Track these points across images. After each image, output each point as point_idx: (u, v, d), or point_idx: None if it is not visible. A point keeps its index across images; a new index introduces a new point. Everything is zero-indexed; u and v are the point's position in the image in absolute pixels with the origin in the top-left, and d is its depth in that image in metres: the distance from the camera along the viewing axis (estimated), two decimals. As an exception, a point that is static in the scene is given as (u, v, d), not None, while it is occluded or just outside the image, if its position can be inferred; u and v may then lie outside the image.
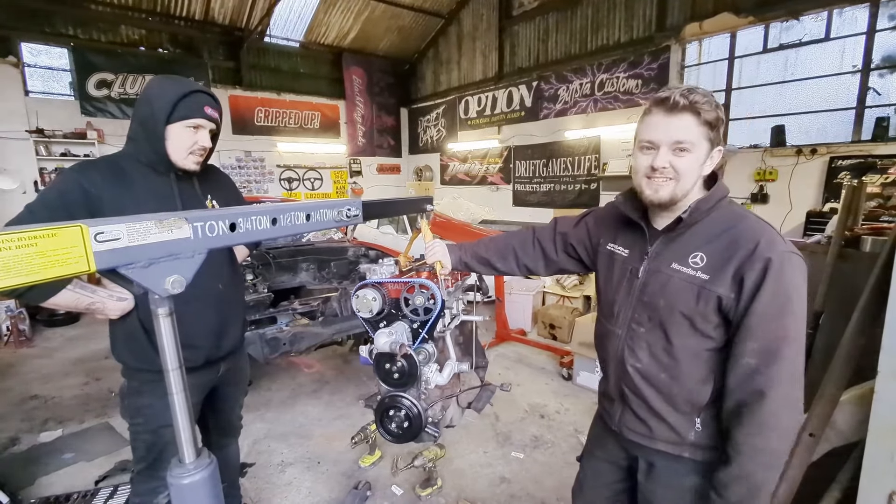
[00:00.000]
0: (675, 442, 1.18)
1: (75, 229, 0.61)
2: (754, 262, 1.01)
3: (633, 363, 1.21)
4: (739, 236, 1.05)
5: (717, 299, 1.06)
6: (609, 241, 1.31)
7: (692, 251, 1.10)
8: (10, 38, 6.45)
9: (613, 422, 1.31)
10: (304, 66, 9.41)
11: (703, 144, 1.07)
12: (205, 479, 0.83)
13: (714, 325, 1.09)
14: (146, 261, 0.71)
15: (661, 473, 1.23)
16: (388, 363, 1.32)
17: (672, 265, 1.12)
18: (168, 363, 0.79)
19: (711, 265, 1.07)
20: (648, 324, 1.17)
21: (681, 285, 1.10)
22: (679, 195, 1.10)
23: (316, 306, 3.47)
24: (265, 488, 2.63)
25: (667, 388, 1.16)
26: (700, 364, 1.13)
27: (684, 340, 1.12)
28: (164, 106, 1.40)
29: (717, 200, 1.11)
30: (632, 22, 6.55)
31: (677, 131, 1.06)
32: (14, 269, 0.56)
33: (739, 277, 1.03)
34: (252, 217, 0.87)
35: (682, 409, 1.16)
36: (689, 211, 1.10)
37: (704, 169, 1.10)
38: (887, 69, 4.60)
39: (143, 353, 1.48)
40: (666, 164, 1.08)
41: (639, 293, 1.19)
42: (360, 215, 1.10)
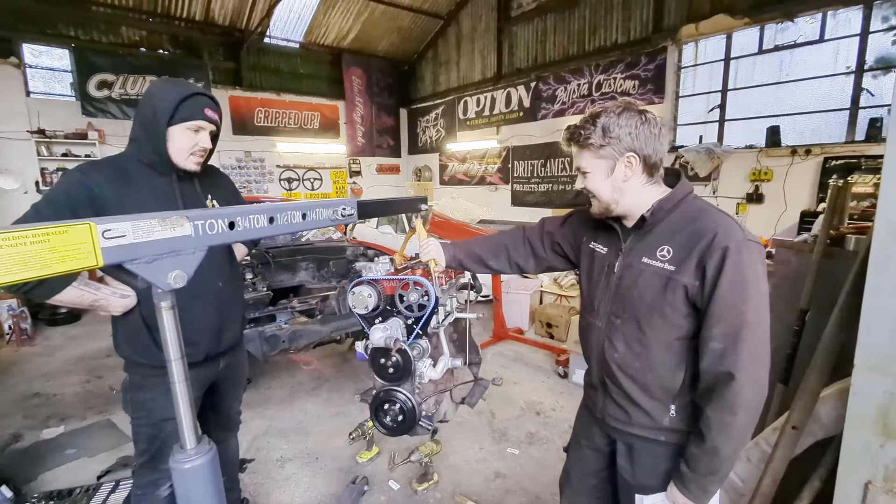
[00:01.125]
0: (651, 427, 1.26)
1: (84, 227, 0.66)
2: (713, 251, 1.09)
3: (611, 354, 1.28)
4: (700, 228, 1.13)
5: (684, 288, 1.13)
6: (591, 240, 1.40)
7: (659, 245, 1.18)
8: (12, 39, 6.49)
9: (597, 409, 1.39)
10: (304, 66, 9.46)
11: (599, 163, 1.19)
12: (205, 464, 0.88)
13: (683, 315, 1.16)
14: (150, 256, 0.75)
15: (639, 455, 1.31)
16: (383, 358, 1.36)
17: (643, 259, 1.21)
18: (170, 353, 0.83)
19: (677, 257, 1.15)
20: (624, 315, 1.25)
21: (650, 277, 1.18)
22: (607, 207, 1.23)
23: (314, 304, 3.52)
24: (264, 483, 2.67)
25: (641, 377, 1.24)
26: (671, 353, 1.20)
27: (655, 331, 1.20)
28: (166, 108, 1.44)
29: (681, 198, 1.19)
30: (629, 23, 6.60)
31: (576, 160, 1.25)
32: (29, 264, 0.61)
33: (702, 266, 1.11)
34: (250, 216, 0.91)
35: (656, 396, 1.23)
36: (651, 210, 1.19)
37: (619, 178, 1.18)
38: (880, 70, 4.65)
39: (144, 349, 1.52)
40: (581, 185, 1.26)
41: (615, 287, 1.27)
42: (355, 214, 1.15)
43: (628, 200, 1.21)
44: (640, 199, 1.21)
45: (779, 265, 2.15)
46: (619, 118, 1.14)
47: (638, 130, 1.15)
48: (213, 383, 1.80)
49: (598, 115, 1.17)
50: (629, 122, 1.14)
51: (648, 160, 1.17)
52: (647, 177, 1.19)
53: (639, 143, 1.15)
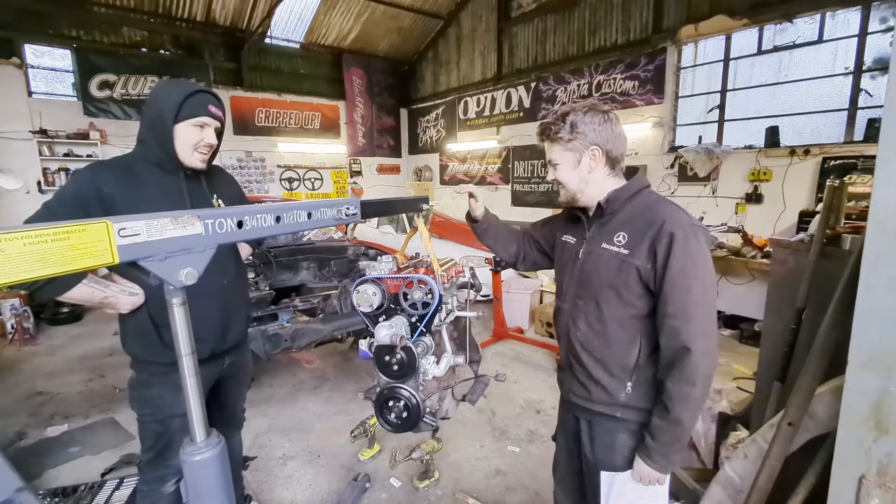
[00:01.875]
0: (608, 403, 1.37)
1: (101, 225, 0.68)
2: (662, 236, 1.21)
3: (574, 332, 1.41)
4: (652, 217, 1.26)
5: (637, 270, 1.25)
6: (563, 234, 1.53)
7: (616, 231, 1.31)
8: (14, 39, 6.51)
9: (564, 389, 1.52)
10: (305, 66, 9.48)
11: (567, 155, 1.33)
12: (214, 456, 0.90)
13: (638, 295, 1.28)
14: (163, 254, 0.78)
15: (597, 431, 1.42)
16: (388, 355, 1.39)
17: (602, 245, 1.34)
18: (182, 349, 0.86)
19: (631, 242, 1.28)
20: (586, 296, 1.38)
21: (608, 261, 1.31)
22: (573, 196, 1.37)
23: (316, 304, 3.54)
24: (267, 480, 2.70)
25: (600, 353, 1.36)
26: (626, 330, 1.32)
27: (612, 309, 1.32)
28: (171, 106, 1.48)
29: (637, 190, 1.34)
30: (629, 24, 6.62)
31: (547, 153, 1.39)
32: (49, 261, 0.63)
33: (653, 250, 1.23)
34: (258, 215, 0.94)
35: (614, 373, 1.35)
36: (606, 198, 1.34)
37: (584, 169, 1.32)
38: (879, 71, 4.67)
39: (152, 347, 1.55)
40: (552, 177, 1.40)
41: (579, 272, 1.40)
42: (359, 214, 1.17)
43: (592, 190, 1.35)
44: (603, 190, 1.35)
45: (776, 264, 2.17)
46: (584, 116, 1.29)
47: (601, 127, 1.29)
48: (218, 381, 1.82)
49: (568, 114, 1.31)
50: (594, 120, 1.29)
51: (610, 154, 1.31)
52: (609, 169, 1.34)
53: (601, 138, 1.29)
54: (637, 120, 6.54)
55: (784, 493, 1.59)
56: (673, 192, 6.15)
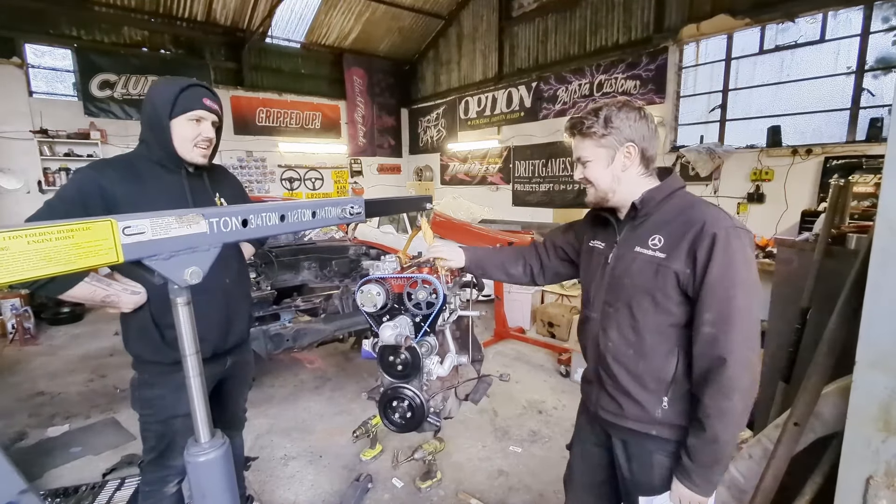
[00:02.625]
0: (643, 420, 1.28)
1: (106, 223, 0.68)
2: (703, 238, 1.13)
3: (605, 343, 1.32)
4: (691, 218, 1.18)
5: (675, 275, 1.17)
6: (590, 239, 1.45)
7: (651, 234, 1.23)
8: (15, 39, 6.51)
9: (592, 403, 1.42)
10: (306, 66, 9.47)
11: (600, 152, 1.25)
12: (219, 457, 0.89)
13: (676, 302, 1.20)
14: (168, 253, 0.77)
15: (633, 450, 1.33)
16: (392, 355, 1.38)
17: (635, 248, 1.25)
18: (186, 348, 0.85)
19: (668, 245, 1.20)
20: (617, 303, 1.29)
21: (642, 265, 1.23)
22: (604, 196, 1.30)
23: (318, 303, 3.54)
24: (268, 481, 2.69)
25: (634, 365, 1.27)
26: (663, 339, 1.23)
27: (647, 317, 1.24)
28: (166, 102, 1.48)
29: (671, 191, 1.26)
30: (630, 23, 6.61)
31: (576, 150, 1.32)
32: (53, 259, 0.62)
33: (693, 253, 1.15)
34: (263, 214, 0.93)
35: (649, 387, 1.26)
36: (640, 199, 1.25)
37: (618, 167, 1.25)
38: (881, 70, 4.66)
39: (154, 347, 1.54)
40: (580, 175, 1.33)
41: (609, 277, 1.32)
42: (363, 213, 1.16)
43: (624, 190, 1.27)
44: (635, 190, 1.27)
45: (780, 264, 2.16)
46: (619, 111, 1.22)
47: (637, 124, 1.23)
48: (220, 381, 1.81)
49: (600, 108, 1.24)
50: (629, 115, 1.22)
51: (645, 152, 1.25)
52: (643, 168, 1.27)
53: (637, 134, 1.23)
54: (638, 120, 6.53)
55: (789, 494, 1.58)
56: (674, 192, 6.13)
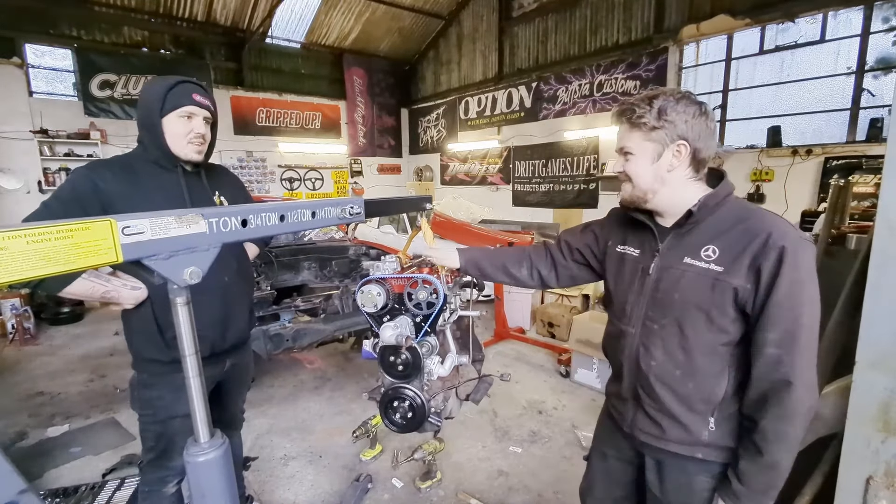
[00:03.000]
0: (687, 442, 1.18)
1: (105, 223, 0.67)
2: (769, 251, 1.03)
3: (647, 361, 1.21)
4: (752, 228, 1.07)
5: (734, 291, 1.07)
6: (619, 243, 1.33)
7: (703, 245, 1.12)
8: (15, 39, 6.50)
9: (626, 423, 1.32)
10: (306, 66, 9.47)
11: (646, 146, 1.13)
12: (218, 457, 0.89)
13: (731, 319, 1.10)
14: (167, 253, 0.77)
15: (670, 472, 1.24)
16: (393, 355, 1.37)
17: (685, 260, 1.14)
18: (185, 348, 0.85)
19: (725, 257, 1.08)
20: (663, 320, 1.18)
21: (695, 279, 1.12)
22: (641, 196, 1.18)
23: (318, 303, 3.54)
24: (268, 481, 2.69)
25: (681, 386, 1.16)
26: (715, 359, 1.13)
27: (700, 335, 1.13)
28: (156, 101, 1.48)
29: (724, 197, 1.14)
30: (630, 23, 6.61)
31: (619, 140, 1.19)
32: (52, 259, 0.62)
33: (756, 268, 1.04)
34: (262, 213, 0.93)
35: (696, 408, 1.16)
36: (697, 205, 1.12)
37: (664, 166, 1.13)
38: (881, 71, 4.66)
39: (154, 345, 1.54)
40: (620, 168, 1.20)
41: (652, 290, 1.20)
42: (363, 213, 1.16)
43: (666, 194, 1.16)
44: (680, 195, 1.15)
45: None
46: (677, 104, 1.09)
47: (695, 120, 1.09)
48: (219, 383, 1.81)
49: (656, 97, 1.11)
50: (687, 110, 1.09)
51: (698, 154, 1.12)
52: (692, 171, 1.14)
53: (693, 133, 1.10)
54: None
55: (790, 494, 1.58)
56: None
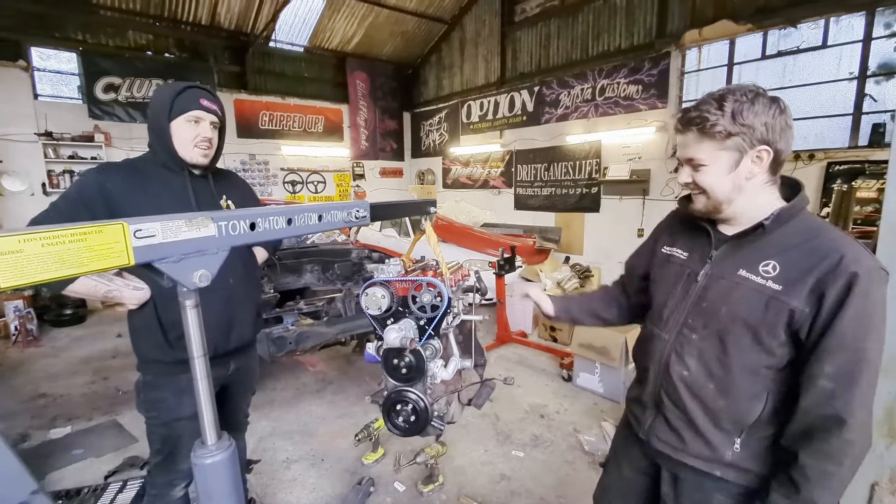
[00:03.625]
0: (708, 458, 1.13)
1: (118, 226, 0.68)
2: (838, 276, 0.94)
3: (679, 370, 1.15)
4: (822, 247, 0.98)
5: (789, 313, 0.98)
6: (666, 245, 1.28)
7: (763, 259, 1.03)
8: (21, 42, 6.55)
9: (642, 429, 1.28)
10: (309, 70, 9.51)
11: (722, 156, 1.02)
12: (225, 459, 0.90)
13: (780, 342, 1.02)
14: (177, 256, 0.77)
15: (687, 487, 1.19)
16: (397, 358, 1.38)
17: (739, 272, 1.06)
18: (194, 350, 0.86)
19: (785, 276, 1.00)
20: (703, 331, 1.11)
21: (748, 294, 1.04)
22: (717, 207, 1.08)
23: (321, 306, 3.54)
24: (270, 484, 2.69)
25: (712, 401, 1.10)
26: (755, 381, 1.06)
27: (743, 353, 1.06)
28: (164, 105, 1.51)
29: (798, 210, 1.05)
30: (632, 28, 6.63)
31: (686, 149, 1.08)
32: (66, 262, 0.63)
33: (819, 292, 0.95)
34: (270, 217, 0.94)
35: (723, 426, 1.10)
36: (771, 218, 1.03)
37: (743, 174, 1.03)
38: (883, 76, 4.67)
39: (156, 345, 1.55)
40: (688, 179, 1.09)
41: (696, 298, 1.14)
42: (368, 217, 1.17)
43: (744, 201, 1.06)
44: (757, 202, 1.06)
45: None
46: (753, 104, 0.98)
47: (775, 120, 0.99)
48: (224, 386, 1.81)
49: (725, 98, 1.00)
50: (765, 110, 0.99)
51: (780, 156, 1.02)
52: (770, 175, 1.05)
53: (774, 134, 0.99)
54: (641, 124, 6.54)
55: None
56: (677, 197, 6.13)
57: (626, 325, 1.54)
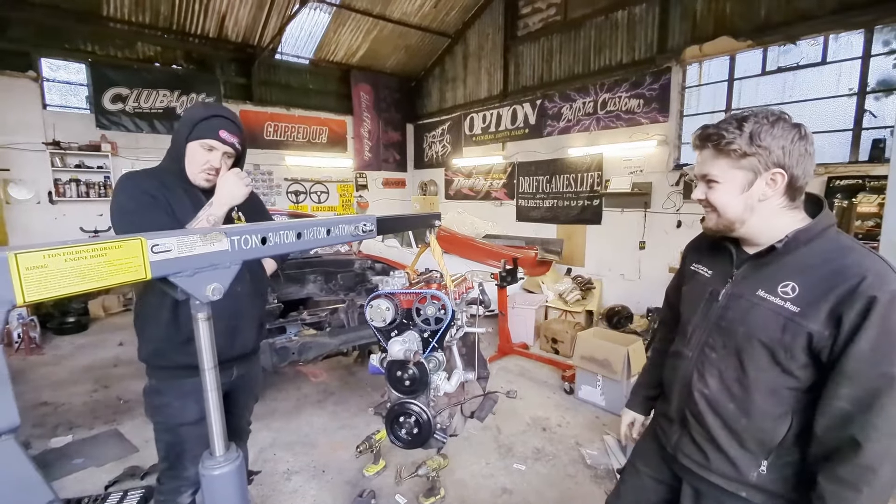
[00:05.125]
0: (732, 478, 1.11)
1: (136, 242, 0.71)
2: (856, 299, 0.92)
3: (700, 388, 1.16)
4: (843, 269, 0.96)
5: (808, 336, 0.98)
6: (694, 262, 1.29)
7: (783, 280, 1.03)
8: (31, 53, 6.65)
9: (670, 444, 1.28)
10: (314, 82, 9.62)
11: (736, 175, 1.04)
12: (233, 471, 0.91)
13: (801, 365, 1.01)
14: (192, 270, 0.80)
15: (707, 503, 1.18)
16: (400, 370, 1.39)
17: (758, 292, 1.06)
18: (205, 362, 0.88)
19: (804, 297, 0.99)
20: (723, 350, 1.12)
21: (765, 314, 1.04)
22: (729, 226, 1.10)
23: (323, 317, 3.55)
24: (271, 495, 2.68)
25: (734, 421, 1.10)
26: (777, 401, 1.05)
27: (761, 373, 1.06)
28: (187, 125, 1.56)
29: (822, 230, 1.04)
30: (633, 44, 6.72)
31: (702, 165, 1.10)
32: (87, 276, 0.65)
33: (837, 315, 0.94)
34: (280, 232, 0.96)
35: (748, 447, 1.09)
36: (784, 241, 1.04)
37: (755, 195, 1.04)
38: (882, 93, 4.71)
39: (162, 350, 1.58)
40: (701, 196, 1.11)
41: (717, 317, 1.14)
42: (375, 230, 1.19)
43: (757, 223, 1.07)
44: (773, 224, 1.06)
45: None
46: (772, 127, 1.01)
47: (793, 145, 1.00)
48: (226, 393, 1.83)
49: (746, 119, 1.02)
50: (784, 134, 1.01)
51: (795, 182, 1.02)
52: (787, 200, 1.05)
53: (791, 159, 1.00)
54: (642, 138, 6.59)
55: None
56: (678, 210, 6.17)
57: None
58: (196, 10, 7.54)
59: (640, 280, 6.71)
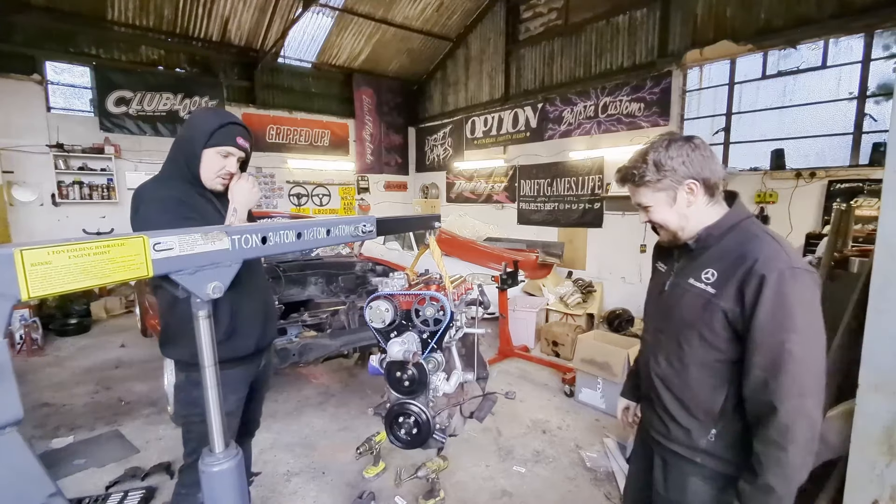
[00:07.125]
0: (688, 445, 1.27)
1: (139, 240, 0.72)
2: (751, 277, 1.09)
3: (654, 367, 1.34)
4: (745, 254, 1.13)
5: (723, 313, 1.14)
6: (657, 260, 1.46)
7: (706, 267, 1.21)
8: (36, 57, 6.71)
9: (646, 421, 1.45)
10: (316, 85, 9.67)
11: (659, 196, 1.22)
12: (232, 467, 0.92)
13: (724, 339, 1.17)
14: (193, 268, 0.81)
15: (671, 469, 1.33)
16: (400, 371, 1.40)
17: (689, 280, 1.24)
18: (205, 360, 0.89)
19: (719, 281, 1.17)
20: (667, 331, 1.30)
21: (693, 299, 1.22)
22: (676, 234, 1.26)
23: (324, 319, 3.56)
24: (271, 497, 2.68)
25: (680, 393, 1.27)
26: (710, 374, 1.21)
27: (694, 350, 1.22)
28: (203, 133, 1.60)
29: (735, 222, 1.21)
30: (634, 48, 6.74)
31: (633, 197, 1.29)
32: (90, 273, 0.66)
33: (741, 293, 1.11)
34: (280, 231, 0.97)
35: (697, 416, 1.25)
36: (696, 237, 1.24)
37: (682, 205, 1.21)
38: (882, 96, 4.72)
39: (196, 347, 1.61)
40: (645, 219, 1.30)
41: (663, 304, 1.33)
42: (375, 231, 1.21)
43: (694, 223, 1.24)
44: (704, 220, 1.23)
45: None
46: (667, 150, 1.18)
47: (690, 158, 1.17)
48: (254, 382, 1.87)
49: (647, 153, 1.21)
50: (679, 152, 1.17)
51: (709, 182, 1.19)
52: (709, 198, 1.22)
53: (694, 168, 1.18)
54: (643, 141, 6.59)
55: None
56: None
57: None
58: (199, 14, 7.60)
59: (640, 283, 6.70)
